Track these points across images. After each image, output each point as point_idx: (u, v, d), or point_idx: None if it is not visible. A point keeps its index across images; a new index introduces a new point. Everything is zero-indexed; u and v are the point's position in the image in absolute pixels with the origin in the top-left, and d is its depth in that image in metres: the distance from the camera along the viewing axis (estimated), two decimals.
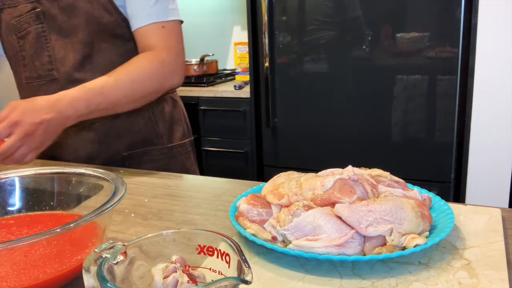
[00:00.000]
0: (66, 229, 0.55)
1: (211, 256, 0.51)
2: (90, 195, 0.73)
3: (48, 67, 1.13)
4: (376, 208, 0.64)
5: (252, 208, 0.70)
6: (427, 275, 0.59)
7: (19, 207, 0.75)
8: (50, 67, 1.13)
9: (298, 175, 0.78)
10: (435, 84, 2.07)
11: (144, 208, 0.86)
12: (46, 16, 1.10)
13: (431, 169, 2.14)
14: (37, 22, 1.11)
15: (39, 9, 1.10)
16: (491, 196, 2.06)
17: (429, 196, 0.75)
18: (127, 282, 0.49)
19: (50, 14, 1.10)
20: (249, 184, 0.96)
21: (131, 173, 1.07)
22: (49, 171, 0.76)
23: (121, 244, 0.49)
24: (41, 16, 1.10)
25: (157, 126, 1.22)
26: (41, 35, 1.11)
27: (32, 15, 1.11)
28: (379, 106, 2.19)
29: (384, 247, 0.62)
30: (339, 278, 0.60)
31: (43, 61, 1.13)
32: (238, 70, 2.97)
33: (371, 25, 2.13)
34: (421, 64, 2.08)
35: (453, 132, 2.07)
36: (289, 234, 0.64)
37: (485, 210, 0.76)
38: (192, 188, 0.97)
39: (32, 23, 1.11)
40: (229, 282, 0.42)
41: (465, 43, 1.99)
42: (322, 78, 2.30)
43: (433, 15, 2.02)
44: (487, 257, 0.62)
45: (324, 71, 2.29)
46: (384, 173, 0.77)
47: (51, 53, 1.12)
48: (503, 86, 1.97)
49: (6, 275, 0.55)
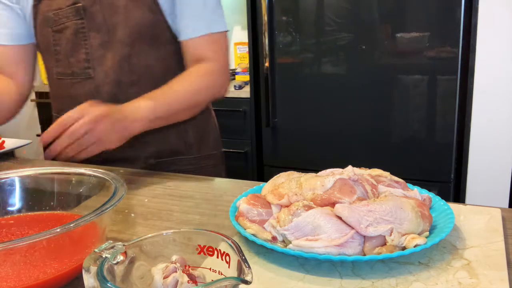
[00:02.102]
0: (66, 229, 0.55)
1: (211, 256, 0.51)
2: (90, 195, 0.73)
3: (85, 65, 1.09)
4: (376, 208, 0.64)
5: (252, 208, 0.70)
6: (427, 275, 0.59)
7: (19, 207, 0.75)
8: (86, 65, 1.09)
9: (298, 175, 0.78)
10: (435, 84, 2.07)
11: (144, 208, 0.86)
12: (86, 12, 1.06)
13: (431, 169, 2.14)
14: (76, 17, 1.07)
15: (80, 4, 1.06)
16: (491, 196, 2.06)
17: (429, 196, 0.75)
18: (127, 282, 0.49)
19: (90, 10, 1.06)
20: (249, 184, 0.96)
21: (131, 173, 1.07)
22: (49, 171, 0.76)
23: (121, 244, 0.49)
24: (82, 12, 1.06)
25: (187, 136, 1.19)
26: (80, 31, 1.07)
27: (72, 9, 1.07)
28: (379, 106, 2.19)
29: (384, 247, 0.62)
30: (339, 278, 0.60)
31: (79, 58, 1.09)
32: (238, 70, 2.97)
33: (371, 25, 2.13)
34: (421, 64, 2.08)
35: (453, 132, 2.07)
36: (289, 234, 0.64)
37: (485, 210, 0.76)
38: (192, 188, 0.97)
39: (72, 18, 1.07)
40: (229, 282, 0.42)
41: (465, 43, 1.99)
42: (322, 78, 2.30)
43: (433, 15, 2.02)
44: (487, 257, 0.62)
45: (324, 71, 2.29)
46: (384, 173, 0.77)
47: (88, 51, 1.09)
48: (503, 86, 1.97)
49: (6, 275, 0.55)
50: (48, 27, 1.10)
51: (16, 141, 1.30)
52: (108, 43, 1.08)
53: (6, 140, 1.27)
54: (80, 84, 1.11)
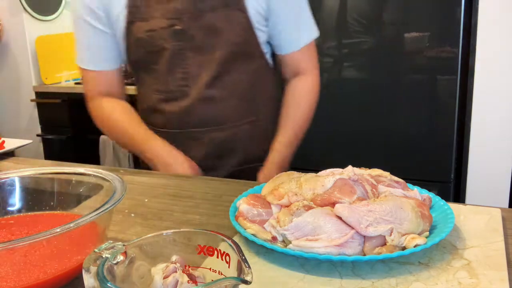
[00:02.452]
0: (66, 229, 0.55)
1: (211, 256, 0.51)
2: (90, 195, 0.73)
3: (181, 83, 1.12)
4: (376, 208, 0.64)
5: (252, 208, 0.70)
6: (427, 275, 0.59)
7: (19, 207, 0.75)
8: (183, 83, 1.12)
9: (298, 175, 0.78)
10: (435, 84, 2.07)
11: (144, 208, 0.86)
12: (185, 35, 1.08)
13: (431, 169, 2.14)
14: (175, 39, 1.08)
15: (178, 27, 1.07)
16: (491, 196, 2.05)
17: (429, 196, 0.75)
18: (127, 282, 0.49)
19: (189, 33, 1.08)
20: (249, 184, 0.96)
21: (131, 173, 1.07)
22: (49, 171, 0.76)
23: (121, 244, 0.49)
24: (180, 34, 1.08)
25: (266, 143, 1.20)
26: (178, 53, 1.09)
27: (169, 32, 1.08)
28: (379, 106, 2.19)
29: (384, 247, 0.62)
30: (339, 278, 0.60)
31: (176, 77, 1.12)
32: None
33: (370, 25, 2.13)
34: (421, 64, 2.08)
35: (453, 132, 2.07)
36: (289, 234, 0.64)
37: (485, 210, 0.76)
38: (192, 188, 0.97)
39: (169, 40, 1.08)
40: (229, 282, 0.42)
41: (465, 43, 1.99)
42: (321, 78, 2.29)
43: (433, 15, 2.02)
44: (487, 257, 0.62)
45: (324, 71, 2.29)
46: (384, 173, 0.77)
47: (186, 70, 1.11)
48: (503, 86, 1.97)
49: (6, 275, 0.55)
50: (141, 48, 1.12)
51: (16, 141, 1.30)
52: (205, 63, 1.11)
53: (6, 140, 1.27)
54: (175, 100, 1.14)
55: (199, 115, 1.12)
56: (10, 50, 2.89)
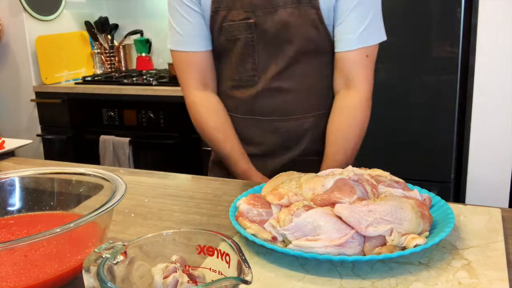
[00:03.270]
0: (66, 229, 0.55)
1: (211, 256, 0.51)
2: (90, 195, 0.73)
3: (251, 73, 1.17)
4: (376, 208, 0.64)
5: (252, 208, 0.70)
6: (427, 275, 0.59)
7: (19, 207, 0.75)
8: (252, 74, 1.17)
9: (298, 175, 0.78)
10: (435, 84, 2.07)
11: (144, 208, 0.86)
12: (257, 28, 1.12)
13: (431, 169, 2.14)
14: (247, 31, 1.13)
15: (252, 20, 1.12)
16: (491, 196, 2.05)
17: (429, 196, 0.75)
18: (127, 282, 0.49)
19: (262, 27, 1.12)
20: (249, 184, 0.96)
21: (131, 173, 1.07)
22: (49, 171, 0.76)
23: (121, 244, 0.49)
24: (253, 27, 1.12)
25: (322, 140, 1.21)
26: (249, 44, 1.14)
27: (244, 24, 1.13)
28: (379, 106, 2.19)
29: (384, 247, 0.62)
30: (339, 278, 0.60)
31: (246, 67, 1.16)
32: None
33: None
34: (421, 64, 2.07)
35: (453, 132, 2.07)
36: (289, 234, 0.64)
37: (485, 210, 0.76)
38: (192, 188, 0.97)
39: (243, 32, 1.13)
40: (229, 282, 0.42)
41: (465, 43, 1.99)
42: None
43: (433, 15, 2.02)
44: (487, 257, 0.62)
45: None
46: (384, 173, 0.77)
47: (255, 61, 1.15)
48: (503, 86, 1.97)
49: (6, 275, 0.55)
50: (222, 36, 1.17)
51: (16, 141, 1.30)
52: (274, 55, 1.14)
53: (6, 140, 1.27)
54: (244, 89, 1.19)
55: (266, 104, 1.17)
56: (10, 50, 2.89)
